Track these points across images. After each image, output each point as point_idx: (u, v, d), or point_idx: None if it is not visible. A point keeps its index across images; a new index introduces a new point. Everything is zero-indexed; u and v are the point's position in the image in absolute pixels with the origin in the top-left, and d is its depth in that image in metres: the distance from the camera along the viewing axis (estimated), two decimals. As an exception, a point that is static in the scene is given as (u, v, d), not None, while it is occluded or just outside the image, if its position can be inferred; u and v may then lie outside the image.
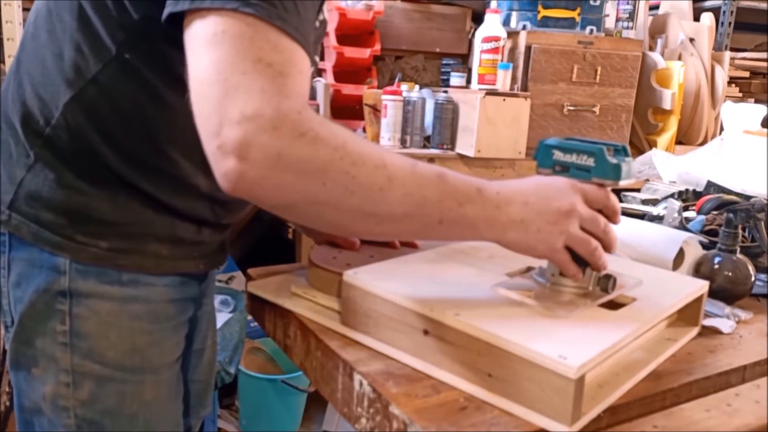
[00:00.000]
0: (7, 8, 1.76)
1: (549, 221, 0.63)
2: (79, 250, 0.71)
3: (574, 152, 0.66)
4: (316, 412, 2.12)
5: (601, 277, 0.68)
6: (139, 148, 0.71)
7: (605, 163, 0.64)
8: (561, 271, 0.67)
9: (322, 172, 0.56)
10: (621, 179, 0.64)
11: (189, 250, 0.78)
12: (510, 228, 0.63)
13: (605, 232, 0.65)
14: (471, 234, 0.63)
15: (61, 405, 0.74)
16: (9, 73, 0.77)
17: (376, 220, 0.60)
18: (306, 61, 0.61)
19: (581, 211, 0.64)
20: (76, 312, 0.72)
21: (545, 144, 0.68)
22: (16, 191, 0.72)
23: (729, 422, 0.62)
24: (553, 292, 0.69)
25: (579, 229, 0.64)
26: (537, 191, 0.64)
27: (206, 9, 0.57)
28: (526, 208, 0.63)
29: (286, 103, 0.55)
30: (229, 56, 0.55)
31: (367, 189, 0.58)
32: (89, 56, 0.69)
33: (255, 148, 0.54)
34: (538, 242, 0.63)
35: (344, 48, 2.07)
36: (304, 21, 0.61)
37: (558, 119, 2.11)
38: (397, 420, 0.58)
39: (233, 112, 0.54)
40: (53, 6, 0.72)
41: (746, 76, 2.77)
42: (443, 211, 0.60)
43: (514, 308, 0.65)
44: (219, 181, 0.57)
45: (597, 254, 0.65)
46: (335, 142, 0.57)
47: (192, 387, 0.92)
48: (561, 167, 0.67)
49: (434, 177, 0.61)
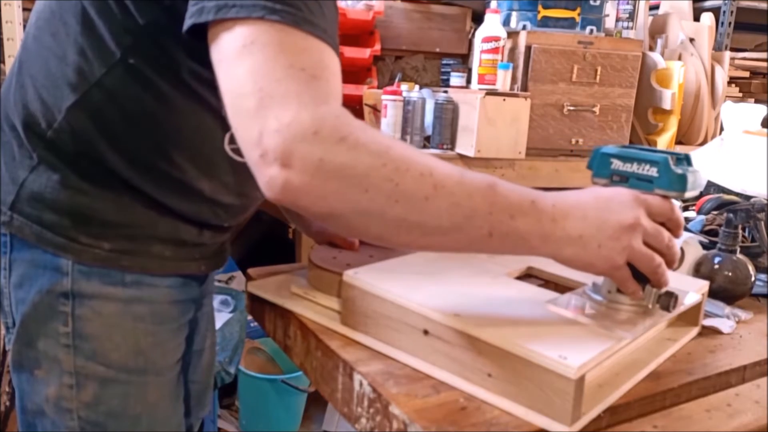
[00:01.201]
0: (7, 8, 1.76)
1: (610, 236, 0.59)
2: (82, 251, 0.71)
3: (635, 161, 0.62)
4: (316, 412, 2.12)
5: (662, 294, 0.64)
6: (144, 152, 0.71)
7: (670, 173, 0.60)
8: (619, 288, 0.64)
9: (364, 179, 0.54)
10: (687, 190, 0.60)
11: (191, 251, 0.78)
12: (567, 244, 0.59)
13: (668, 247, 0.62)
14: (524, 249, 0.59)
15: (64, 407, 0.74)
16: (10, 75, 0.77)
17: (421, 231, 0.57)
18: (336, 61, 0.60)
19: (645, 225, 0.60)
20: (78, 313, 0.72)
21: (602, 152, 0.64)
22: (18, 192, 0.72)
23: (729, 422, 0.62)
24: (610, 309, 0.65)
25: (642, 245, 0.60)
26: (597, 204, 0.60)
27: (231, 19, 0.56)
28: (585, 223, 0.59)
29: (324, 108, 0.55)
30: (261, 66, 0.55)
31: (411, 197, 0.55)
32: (93, 60, 0.69)
33: (296, 154, 0.53)
34: (599, 259, 0.60)
35: (344, 48, 2.06)
36: (330, 21, 0.60)
37: (558, 119, 2.11)
38: (397, 420, 0.58)
39: (271, 121, 0.53)
40: (56, 8, 0.71)
41: (746, 76, 2.77)
42: (493, 224, 0.57)
43: (515, 308, 0.65)
44: (263, 189, 0.56)
45: (660, 271, 0.61)
46: (377, 147, 0.55)
47: (191, 387, 0.92)
48: (620, 177, 0.63)
49: (484, 187, 0.57)
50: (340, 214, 0.56)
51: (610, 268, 0.61)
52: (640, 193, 0.61)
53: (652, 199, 0.61)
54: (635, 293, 0.63)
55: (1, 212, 0.73)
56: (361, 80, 2.17)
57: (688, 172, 0.60)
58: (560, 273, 0.76)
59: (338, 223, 0.59)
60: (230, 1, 0.56)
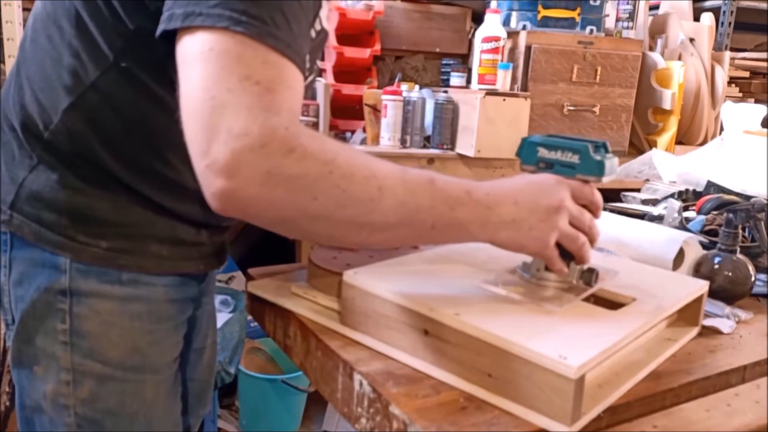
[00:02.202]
0: (7, 8, 1.76)
1: (540, 219, 0.64)
2: (80, 249, 0.71)
3: (559, 149, 0.67)
4: (316, 412, 2.12)
5: (584, 270, 0.69)
6: (139, 153, 0.72)
7: (590, 160, 0.65)
8: (547, 266, 0.68)
9: (312, 188, 0.56)
10: (605, 176, 0.65)
11: (189, 250, 0.79)
12: (502, 228, 0.63)
13: (590, 227, 0.67)
14: (464, 236, 0.63)
15: (61, 403, 0.74)
16: (10, 76, 0.77)
17: (369, 230, 0.60)
18: (297, 77, 0.61)
19: (570, 207, 0.65)
20: (76, 311, 0.72)
21: (529, 141, 0.69)
22: (18, 191, 0.72)
23: (729, 422, 0.62)
24: (538, 287, 0.70)
25: (569, 225, 0.65)
26: (526, 189, 0.65)
27: (197, 27, 0.57)
28: (516, 208, 0.63)
29: (274, 120, 0.55)
30: (215, 73, 0.55)
31: (358, 201, 0.58)
32: (88, 63, 0.69)
33: (244, 166, 0.54)
34: (530, 240, 0.64)
35: (344, 48, 2.07)
36: (298, 36, 0.61)
37: (558, 119, 2.11)
38: (397, 420, 0.58)
39: (220, 131, 0.54)
40: (51, 11, 0.72)
41: (746, 76, 2.77)
42: (435, 216, 0.61)
43: (514, 308, 0.65)
44: (209, 200, 0.57)
45: (585, 248, 0.66)
46: (324, 156, 0.57)
47: (191, 386, 0.92)
48: (545, 164, 0.68)
49: (425, 183, 0.61)
50: (289, 220, 0.58)
51: (541, 248, 0.65)
52: (563, 178, 0.66)
53: (575, 184, 0.66)
54: (561, 270, 0.67)
55: (1, 211, 0.73)
56: (361, 80, 2.17)
57: (606, 159, 0.65)
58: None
59: (287, 228, 0.61)
60: (198, 9, 0.57)
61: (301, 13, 0.62)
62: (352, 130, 2.15)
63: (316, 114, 1.93)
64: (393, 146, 1.94)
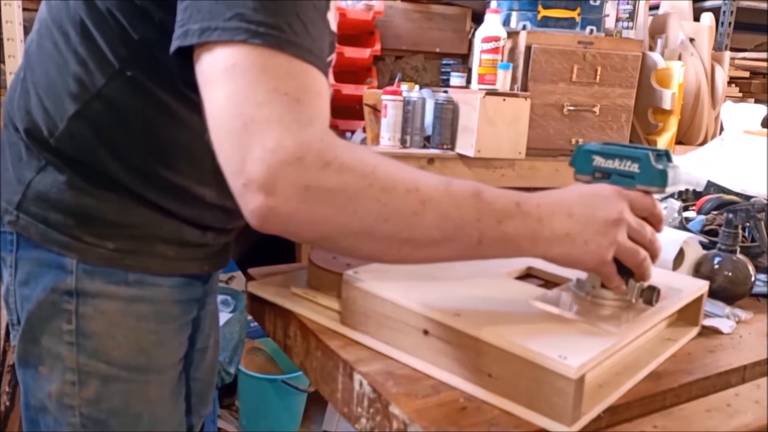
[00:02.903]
0: (7, 8, 1.76)
1: (597, 232, 0.60)
2: (87, 250, 0.72)
3: (617, 158, 0.63)
4: (316, 412, 2.12)
5: (645, 288, 0.65)
6: (144, 160, 0.72)
7: (651, 169, 0.61)
8: (604, 283, 0.64)
9: (352, 202, 0.54)
10: (668, 186, 0.61)
11: (194, 251, 0.79)
12: (555, 243, 0.59)
13: (651, 241, 0.63)
14: (513, 251, 0.60)
15: (66, 403, 0.74)
16: (15, 79, 0.78)
17: (413, 245, 0.57)
18: (323, 81, 0.59)
19: (629, 219, 0.61)
20: (82, 311, 0.72)
21: (584, 149, 0.65)
22: (25, 192, 0.73)
23: (729, 422, 0.62)
24: (594, 305, 0.66)
25: (628, 239, 0.61)
26: (581, 201, 0.61)
27: (214, 42, 0.56)
28: (571, 221, 0.59)
29: (308, 132, 0.54)
30: (242, 89, 0.54)
31: (400, 215, 0.55)
32: (93, 70, 0.69)
33: (281, 181, 0.52)
34: (587, 255, 0.60)
35: (344, 48, 2.06)
36: (316, 40, 0.59)
37: (558, 119, 2.11)
38: (397, 420, 0.58)
39: (254, 147, 0.52)
40: (56, 17, 0.72)
41: (746, 76, 2.77)
42: (483, 231, 0.57)
43: (515, 308, 0.65)
44: (248, 218, 0.55)
45: (645, 265, 0.62)
46: (363, 168, 0.55)
47: (194, 385, 0.92)
48: (602, 174, 0.64)
49: (470, 195, 0.57)
50: (331, 237, 0.56)
51: (598, 264, 0.61)
52: (622, 189, 0.62)
53: (634, 195, 0.62)
54: (619, 288, 0.63)
55: (8, 211, 0.74)
56: (361, 80, 2.17)
57: (668, 168, 0.61)
58: (560, 272, 0.76)
59: (329, 245, 0.59)
60: (213, 24, 0.56)
61: (316, 14, 0.60)
62: (352, 130, 2.15)
63: (316, 114, 1.93)
64: (393, 146, 1.94)
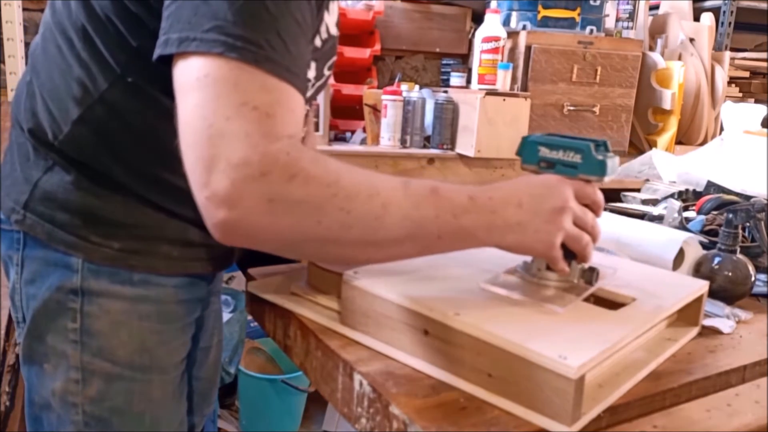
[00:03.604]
0: (7, 8, 1.76)
1: (546, 221, 0.63)
2: (92, 250, 0.72)
3: (561, 149, 0.66)
4: (316, 412, 2.12)
5: (585, 270, 0.69)
6: (149, 163, 0.72)
7: (592, 159, 0.65)
8: (549, 266, 0.68)
9: (316, 212, 0.56)
10: (607, 175, 0.65)
11: (198, 251, 0.79)
12: (508, 231, 0.63)
13: (593, 226, 0.67)
14: (471, 243, 0.63)
15: (69, 401, 0.75)
16: (21, 82, 0.79)
17: (376, 247, 0.60)
18: (298, 99, 0.60)
19: (574, 207, 0.65)
20: (87, 310, 0.73)
21: (530, 140, 0.68)
22: (32, 191, 0.73)
23: (729, 422, 0.62)
24: (539, 286, 0.69)
25: (573, 225, 0.65)
26: (530, 191, 0.64)
27: (191, 52, 0.56)
28: (521, 210, 0.63)
29: (275, 147, 0.54)
30: (212, 101, 0.54)
31: (363, 221, 0.57)
32: (96, 75, 0.70)
33: (245, 196, 0.53)
34: (537, 242, 0.64)
35: (344, 48, 2.06)
36: (296, 58, 0.60)
37: (558, 119, 2.11)
38: (397, 420, 0.58)
39: (219, 161, 0.53)
40: (60, 22, 0.72)
41: (746, 76, 2.77)
42: (441, 226, 0.60)
43: (514, 308, 0.65)
44: (211, 231, 0.56)
45: (588, 248, 0.66)
46: (327, 178, 0.56)
47: (197, 385, 0.93)
48: (546, 163, 0.67)
49: (428, 194, 0.60)
50: (295, 245, 0.58)
51: (548, 249, 0.65)
52: (565, 178, 0.65)
53: (577, 184, 0.66)
54: (563, 270, 0.67)
55: (15, 211, 0.74)
56: (361, 80, 2.17)
57: (607, 158, 0.65)
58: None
59: (294, 253, 0.61)
60: (192, 34, 0.56)
61: (298, 31, 0.61)
62: (352, 130, 2.15)
63: (316, 114, 1.93)
64: (393, 146, 1.94)
